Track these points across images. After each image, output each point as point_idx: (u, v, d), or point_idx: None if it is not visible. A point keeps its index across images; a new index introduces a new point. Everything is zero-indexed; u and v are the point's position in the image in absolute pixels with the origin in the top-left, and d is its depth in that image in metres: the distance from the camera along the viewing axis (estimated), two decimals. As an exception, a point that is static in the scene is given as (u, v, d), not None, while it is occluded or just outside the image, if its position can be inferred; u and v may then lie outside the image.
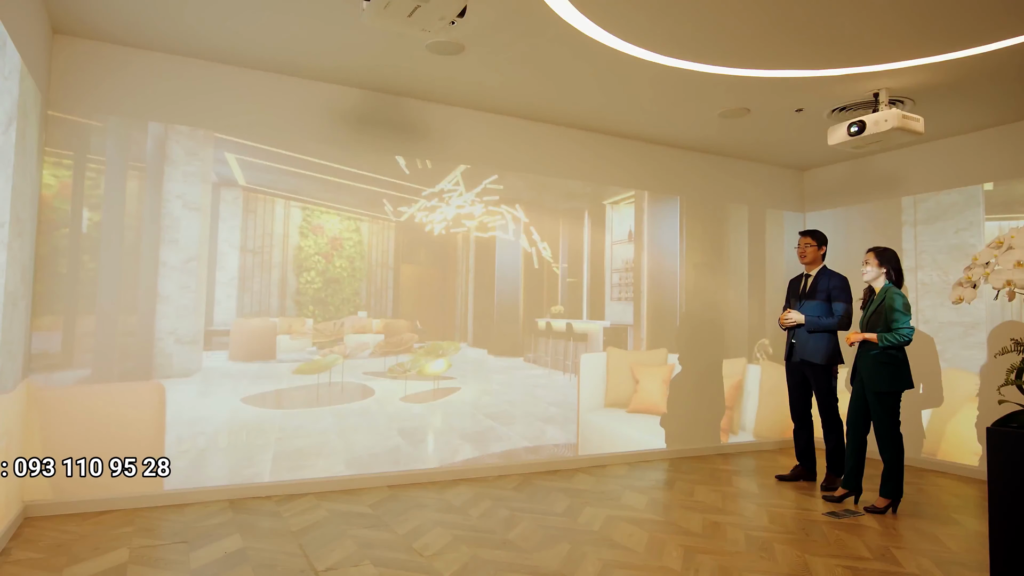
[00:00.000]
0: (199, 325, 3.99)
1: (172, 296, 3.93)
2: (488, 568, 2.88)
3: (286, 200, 4.27)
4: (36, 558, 2.86)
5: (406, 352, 4.59)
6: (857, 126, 4.07)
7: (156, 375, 3.85)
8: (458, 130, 4.76)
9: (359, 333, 4.48)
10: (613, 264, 5.42)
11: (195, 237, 3.99)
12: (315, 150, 4.29)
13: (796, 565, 2.99)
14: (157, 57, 3.86)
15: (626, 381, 5.35)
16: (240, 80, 4.08)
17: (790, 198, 6.31)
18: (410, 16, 2.68)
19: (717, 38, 3.52)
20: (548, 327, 5.13)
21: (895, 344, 3.74)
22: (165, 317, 3.90)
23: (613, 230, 5.41)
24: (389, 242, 4.60)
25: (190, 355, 3.96)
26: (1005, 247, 2.55)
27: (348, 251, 4.45)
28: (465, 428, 4.66)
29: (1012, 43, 3.49)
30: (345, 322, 4.42)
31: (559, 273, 5.18)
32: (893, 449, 3.80)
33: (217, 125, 4.01)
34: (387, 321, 4.57)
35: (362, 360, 4.44)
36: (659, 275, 5.55)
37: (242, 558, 2.93)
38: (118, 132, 3.78)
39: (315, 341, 4.31)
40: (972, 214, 4.97)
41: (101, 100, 3.71)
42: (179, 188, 3.96)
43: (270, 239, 4.24)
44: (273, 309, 4.23)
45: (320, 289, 4.36)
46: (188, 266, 3.97)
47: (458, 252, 4.82)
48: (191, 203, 3.99)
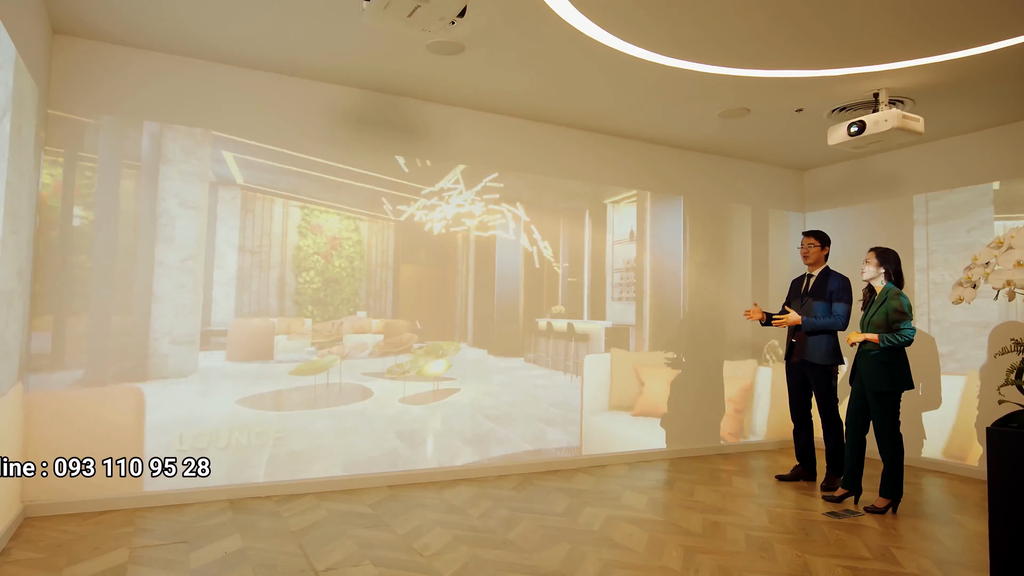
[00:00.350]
0: (196, 325, 3.96)
1: (168, 296, 3.89)
2: (488, 568, 2.88)
3: (285, 199, 4.26)
4: (36, 558, 2.86)
5: (406, 352, 4.57)
6: (857, 126, 4.07)
7: (151, 376, 3.81)
8: (458, 130, 4.75)
9: (359, 333, 4.45)
10: (614, 264, 5.40)
11: (192, 236, 3.96)
12: (315, 150, 4.29)
13: (796, 565, 2.99)
14: (157, 57, 3.86)
15: (631, 383, 5.34)
16: (240, 80, 4.08)
17: (790, 198, 6.31)
18: (410, 16, 2.68)
19: (717, 38, 3.52)
20: (549, 327, 5.10)
21: (896, 345, 3.74)
22: (161, 317, 3.87)
23: (614, 229, 5.40)
24: (389, 242, 4.58)
25: (186, 356, 3.93)
26: (1005, 247, 2.54)
27: (347, 251, 4.44)
28: (465, 431, 4.64)
29: (1012, 43, 3.49)
30: (344, 322, 4.40)
31: (559, 272, 5.17)
32: (893, 449, 3.80)
33: (217, 125, 4.00)
34: (387, 321, 4.54)
35: (361, 360, 4.42)
36: (660, 275, 5.54)
37: (242, 558, 2.93)
38: (113, 130, 3.76)
39: (314, 341, 4.30)
40: (983, 213, 4.93)
41: (101, 99, 3.71)
42: (176, 187, 3.93)
43: (269, 238, 4.23)
44: (272, 309, 4.21)
45: (319, 289, 4.34)
46: (185, 265, 3.94)
47: (458, 252, 4.80)
48: (188, 202, 3.97)
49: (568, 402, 5.06)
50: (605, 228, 5.37)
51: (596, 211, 5.33)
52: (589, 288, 5.30)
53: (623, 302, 5.41)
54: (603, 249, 5.37)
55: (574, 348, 5.16)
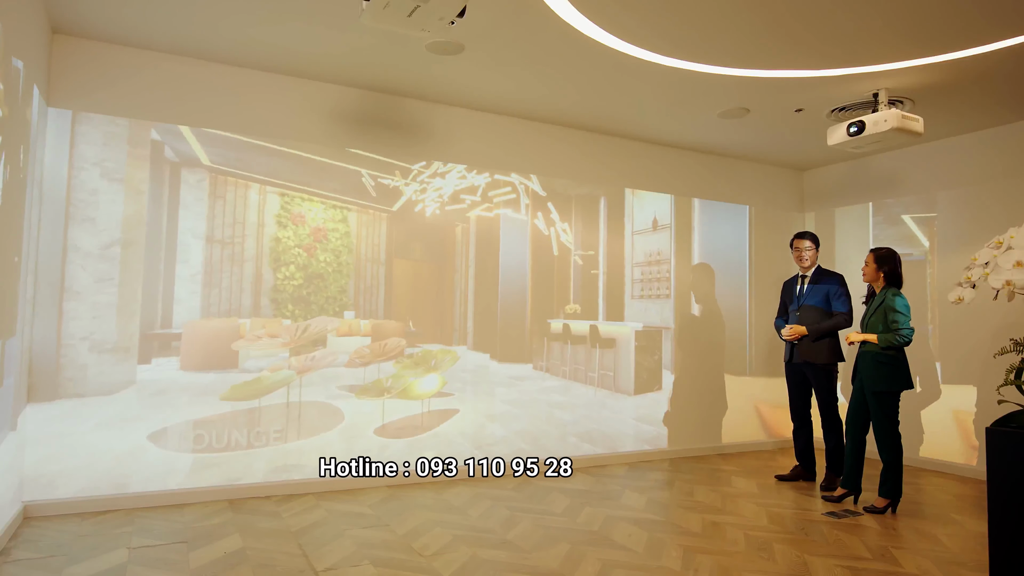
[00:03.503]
0: (131, 328, 3.37)
1: (86, 291, 3.24)
2: (487, 568, 2.88)
3: (261, 184, 3.78)
4: (36, 558, 2.86)
5: (396, 357, 4.03)
6: (856, 126, 4.07)
7: (62, 393, 3.19)
8: (458, 130, 4.75)
9: (345, 336, 3.94)
10: (634, 257, 4.85)
11: (118, 216, 3.30)
12: (313, 151, 4.24)
13: (796, 565, 2.99)
14: (157, 57, 3.85)
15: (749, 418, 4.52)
16: (240, 80, 4.08)
17: (790, 198, 6.31)
18: (410, 16, 2.68)
19: (717, 38, 3.52)
20: (565, 329, 4.53)
21: (895, 345, 3.75)
22: (76, 319, 3.21)
23: (634, 218, 4.91)
24: (380, 235, 4.14)
25: (115, 367, 3.32)
26: (1004, 247, 2.55)
27: (334, 243, 4.03)
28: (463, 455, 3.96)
29: (1012, 43, 3.49)
30: (311, 324, 3.86)
31: (574, 264, 4.60)
32: (892, 449, 3.80)
33: (218, 125, 3.99)
34: (376, 322, 4.10)
35: (336, 370, 3.79)
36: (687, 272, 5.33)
37: (241, 558, 2.93)
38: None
39: (285, 344, 3.80)
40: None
41: (100, 99, 3.71)
42: (96, 152, 3.27)
43: (243, 228, 3.73)
44: (245, 309, 3.71)
45: (301, 286, 3.88)
46: (109, 252, 3.30)
47: (457, 243, 4.36)
48: (113, 173, 3.34)
49: (604, 432, 4.27)
50: (623, 216, 4.89)
51: (613, 196, 4.83)
52: (604, 283, 4.76)
53: (645, 300, 4.92)
54: (621, 240, 4.90)
55: (598, 355, 4.55)
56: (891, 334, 3.75)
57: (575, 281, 4.64)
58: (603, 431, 4.55)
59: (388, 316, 4.20)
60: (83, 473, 3.45)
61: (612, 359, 4.63)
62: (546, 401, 4.35)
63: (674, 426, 5.41)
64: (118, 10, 3.36)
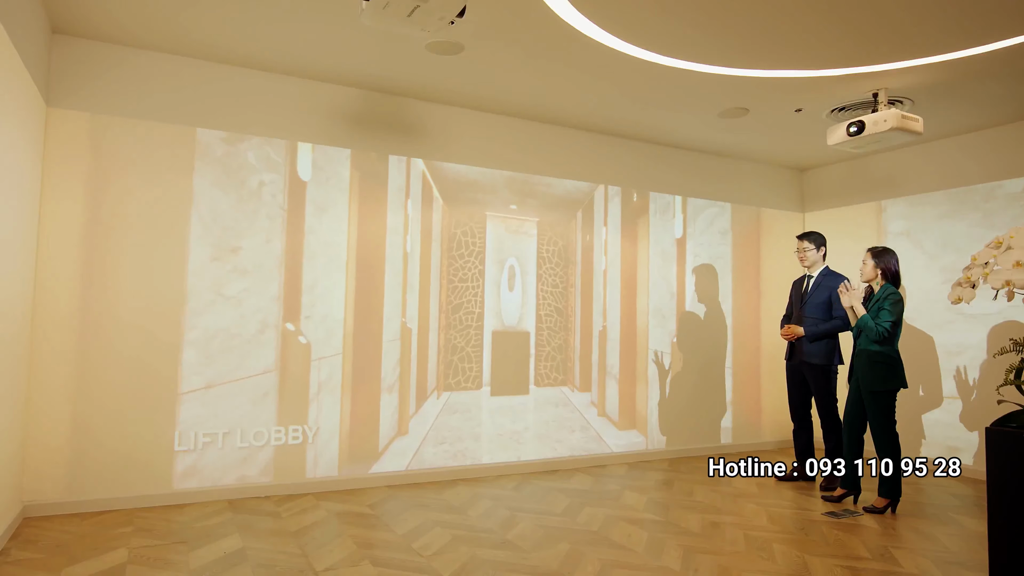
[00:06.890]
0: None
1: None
2: (487, 568, 2.88)
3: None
4: (36, 558, 2.86)
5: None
6: (856, 126, 4.07)
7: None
8: (458, 130, 4.75)
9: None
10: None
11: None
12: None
13: (795, 565, 2.99)
14: (156, 57, 3.85)
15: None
16: (240, 80, 4.07)
17: (790, 198, 6.31)
18: (409, 16, 2.68)
19: (717, 38, 3.52)
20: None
21: (866, 329, 3.79)
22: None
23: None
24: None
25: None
26: (1004, 247, 2.54)
27: None
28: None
29: (1011, 43, 3.49)
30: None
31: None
32: (890, 448, 3.80)
33: (218, 125, 3.99)
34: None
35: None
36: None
37: (241, 558, 2.93)
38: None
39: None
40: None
41: (100, 98, 3.71)
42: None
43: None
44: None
45: None
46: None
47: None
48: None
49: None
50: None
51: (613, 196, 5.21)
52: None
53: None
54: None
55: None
56: (872, 321, 3.79)
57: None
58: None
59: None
60: (84, 473, 3.55)
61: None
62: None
63: (674, 426, 5.41)
64: (118, 10, 3.36)
